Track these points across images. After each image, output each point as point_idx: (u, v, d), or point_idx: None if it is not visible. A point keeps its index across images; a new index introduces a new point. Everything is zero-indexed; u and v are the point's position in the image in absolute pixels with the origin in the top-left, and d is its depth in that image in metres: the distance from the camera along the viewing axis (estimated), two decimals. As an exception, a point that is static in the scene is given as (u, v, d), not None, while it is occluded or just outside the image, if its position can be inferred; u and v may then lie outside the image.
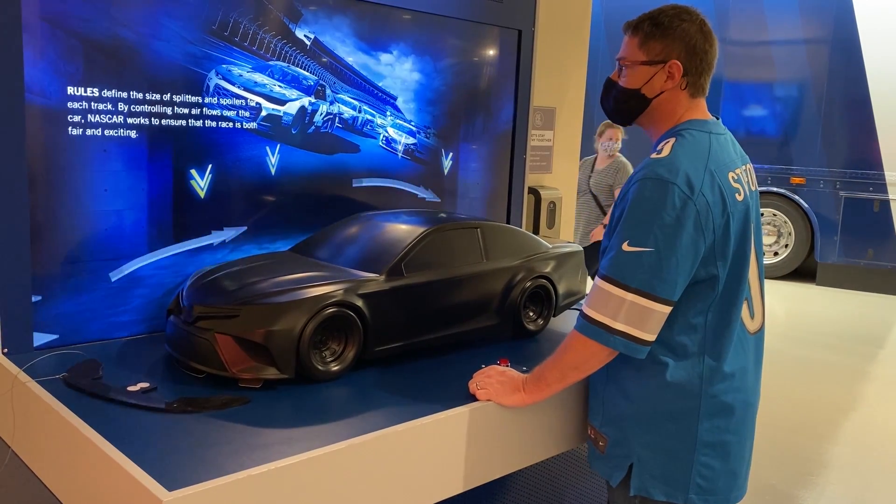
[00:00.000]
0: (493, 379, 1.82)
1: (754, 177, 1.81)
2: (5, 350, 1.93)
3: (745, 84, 8.95)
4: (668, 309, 1.60)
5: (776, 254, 9.08)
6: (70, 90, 1.97)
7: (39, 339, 2.00)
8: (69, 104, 1.97)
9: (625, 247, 1.58)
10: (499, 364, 1.94)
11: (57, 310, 2.03)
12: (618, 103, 1.80)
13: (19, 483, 1.84)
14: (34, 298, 1.98)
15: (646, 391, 1.70)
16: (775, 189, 8.81)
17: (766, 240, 9.07)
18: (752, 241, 1.73)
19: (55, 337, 2.03)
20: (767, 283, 7.96)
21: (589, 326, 1.62)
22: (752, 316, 1.77)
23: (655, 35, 1.71)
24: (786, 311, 7.77)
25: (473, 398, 1.79)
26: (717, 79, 8.89)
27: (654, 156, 1.66)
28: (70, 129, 1.99)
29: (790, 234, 8.91)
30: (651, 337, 1.61)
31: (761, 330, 1.82)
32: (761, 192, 8.92)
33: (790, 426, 4.53)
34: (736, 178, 1.68)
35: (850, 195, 8.50)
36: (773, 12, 8.75)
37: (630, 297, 1.57)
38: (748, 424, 1.77)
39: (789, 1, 8.65)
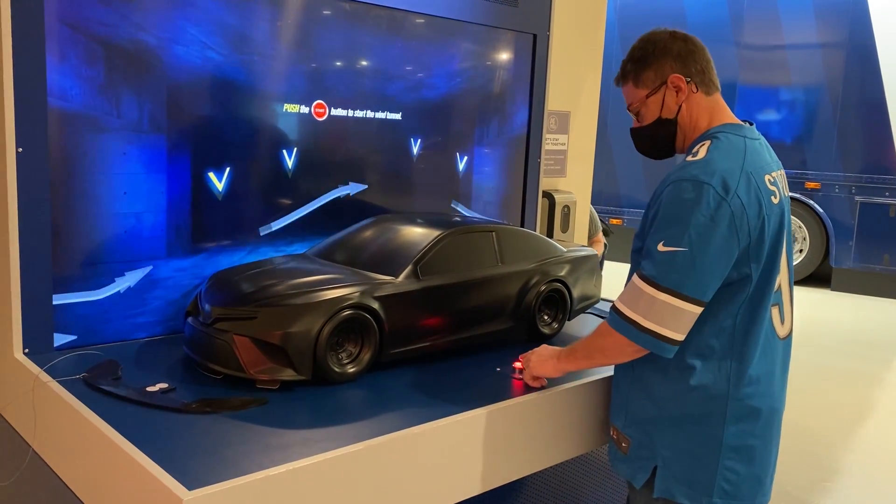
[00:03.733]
0: (533, 355, 1.92)
1: (786, 182, 1.82)
2: (26, 350, 1.95)
3: (759, 88, 8.91)
4: (699, 310, 1.60)
5: (790, 259, 9.03)
6: (91, 94, 1.99)
7: (59, 339, 2.02)
8: (91, 108, 2.00)
9: (660, 247, 1.60)
10: (515, 365, 1.95)
11: (77, 311, 2.05)
12: (650, 140, 1.85)
13: (40, 482, 1.86)
14: (55, 300, 2.00)
15: (672, 393, 1.70)
16: (790, 194, 8.75)
17: (781, 245, 9.02)
18: (785, 245, 1.74)
19: (75, 337, 2.05)
20: (782, 288, 7.69)
21: (619, 321, 1.65)
22: (782, 321, 1.78)
23: (641, 68, 1.79)
24: (800, 317, 7.69)
25: (488, 400, 1.79)
26: (731, 83, 8.87)
27: (689, 158, 1.68)
28: (91, 132, 2.01)
29: (805, 239, 8.86)
30: (680, 337, 1.61)
31: (790, 336, 1.82)
32: (775, 197, 8.88)
33: (804, 432, 4.50)
34: (772, 181, 1.70)
35: (865, 200, 8.44)
36: (788, 16, 8.71)
37: (662, 296, 1.58)
38: (774, 430, 1.76)
39: (804, 4, 8.61)
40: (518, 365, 1.96)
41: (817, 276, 8.94)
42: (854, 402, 5.14)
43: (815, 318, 7.56)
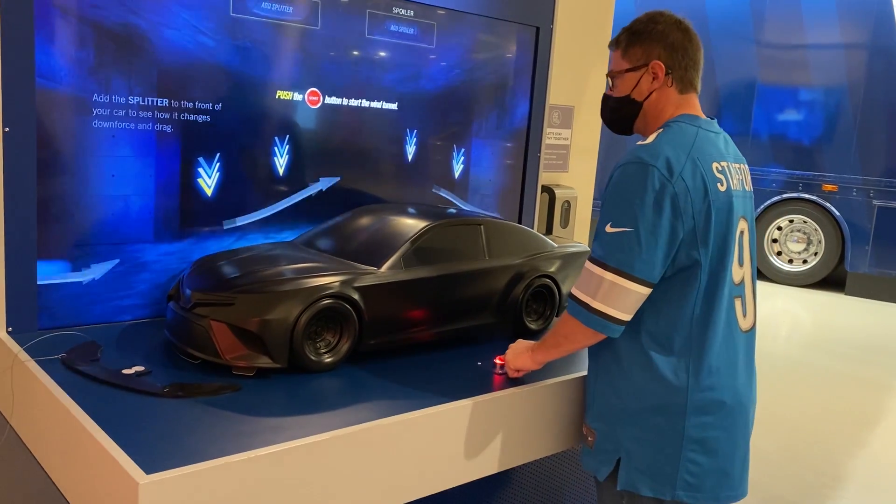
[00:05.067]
0: (510, 350, 1.95)
1: (749, 179, 1.83)
2: (10, 329, 1.97)
3: (778, 88, 8.79)
4: (645, 290, 1.63)
5: (805, 262, 8.91)
6: (81, 76, 2.00)
7: (43, 319, 2.03)
8: (80, 90, 2.00)
9: (607, 228, 1.64)
10: (496, 361, 1.95)
11: (62, 292, 2.06)
12: (613, 113, 1.87)
13: (15, 458, 1.88)
14: (40, 280, 2.01)
15: (633, 385, 1.71)
16: (806, 196, 8.64)
17: (796, 247, 8.91)
18: (747, 239, 1.75)
19: (59, 318, 2.07)
20: (795, 291, 7.80)
21: (574, 305, 1.69)
22: (744, 314, 1.78)
23: (634, 42, 1.79)
24: (813, 321, 7.63)
25: (463, 394, 1.79)
26: (749, 82, 8.76)
27: (638, 143, 1.71)
28: (80, 114, 2.01)
29: (820, 241, 8.74)
30: (626, 317, 1.64)
31: (753, 329, 1.82)
32: (792, 199, 8.75)
33: (808, 437, 4.45)
34: (720, 169, 1.70)
35: (883, 204, 8.30)
36: (811, 15, 8.57)
37: (609, 276, 1.62)
38: (739, 423, 1.75)
39: (827, 4, 8.46)
40: (499, 360, 1.95)
41: (831, 279, 8.82)
42: (861, 408, 5.07)
43: (827, 322, 7.47)
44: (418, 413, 1.68)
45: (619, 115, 1.85)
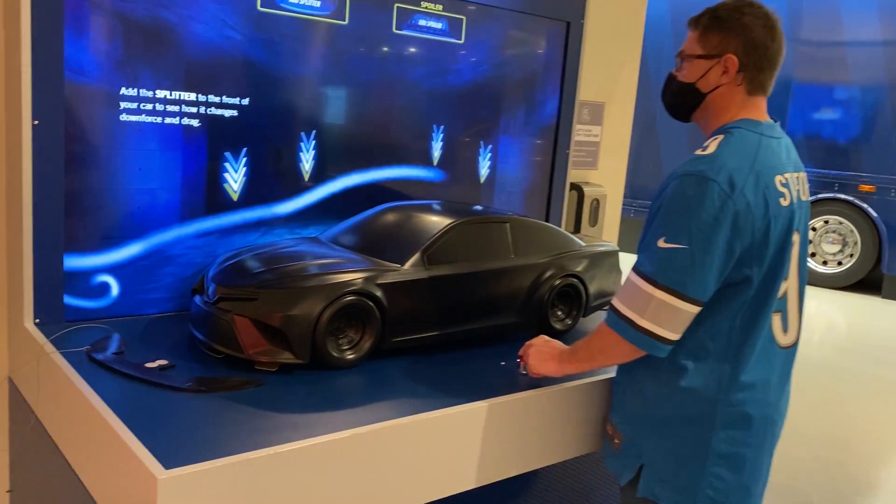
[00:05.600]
0: (533, 348, 1.86)
1: (806, 187, 1.75)
2: (37, 321, 1.98)
3: (815, 86, 8.62)
4: (696, 309, 1.56)
5: (840, 263, 8.74)
6: (110, 70, 2.01)
7: (70, 311, 2.05)
8: (108, 83, 2.01)
9: (660, 243, 1.55)
10: (519, 360, 1.91)
11: (88, 284, 2.08)
12: (674, 97, 1.78)
13: (40, 448, 1.90)
14: (66, 273, 2.02)
15: (662, 393, 1.66)
16: (842, 196, 8.46)
17: (831, 248, 8.73)
18: (796, 252, 1.67)
19: (86, 310, 2.08)
20: (828, 293, 7.66)
21: (616, 320, 1.61)
22: (784, 329, 1.71)
23: (713, 28, 1.68)
24: (847, 324, 7.47)
25: (486, 394, 1.76)
26: (785, 79, 8.59)
27: (698, 152, 1.62)
28: (107, 107, 2.02)
29: (856, 243, 8.56)
30: (675, 336, 1.57)
31: (794, 346, 1.75)
32: (827, 199, 8.58)
33: (840, 443, 4.35)
34: (784, 182, 1.62)
35: (923, 206, 8.12)
36: (850, 12, 8.38)
37: (659, 294, 1.54)
38: (767, 440, 1.70)
39: (867, 1, 8.27)
40: (522, 360, 1.92)
41: (867, 282, 8.64)
42: (894, 414, 4.95)
43: (862, 325, 7.32)
44: (441, 412, 1.65)
45: (680, 101, 1.75)
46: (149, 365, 1.77)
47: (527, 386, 1.85)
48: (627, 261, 1.89)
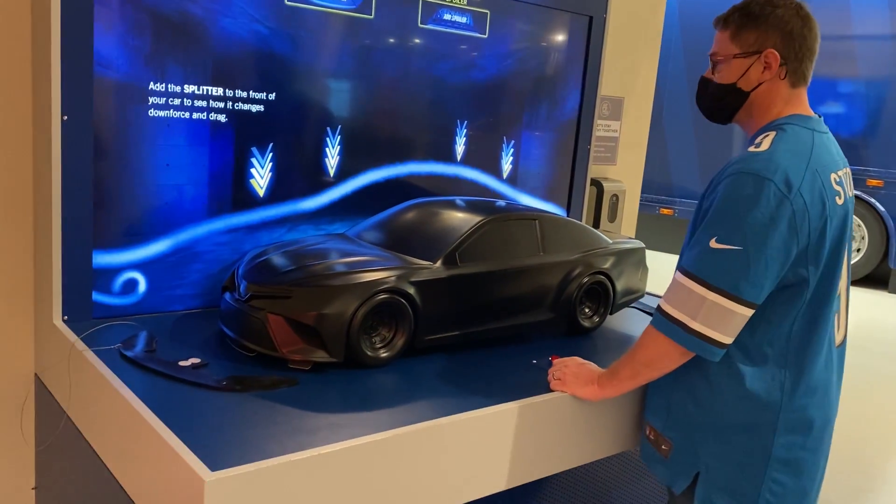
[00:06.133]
0: (569, 369, 1.79)
1: (851, 181, 1.71)
2: (65, 318, 1.97)
3: (822, 79, 8.58)
4: (750, 312, 1.51)
5: (847, 258, 8.73)
6: (138, 65, 1.98)
7: (98, 308, 2.03)
8: (136, 78, 1.99)
9: (712, 243, 1.50)
10: (550, 360, 1.89)
11: (116, 281, 2.06)
12: (715, 101, 1.72)
13: (72, 449, 1.88)
14: (94, 269, 2.01)
15: (719, 399, 1.62)
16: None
17: (837, 243, 8.72)
18: (846, 249, 1.64)
19: (113, 307, 2.06)
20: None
21: (666, 323, 1.56)
22: (837, 328, 1.68)
23: (747, 25, 1.64)
24: (855, 319, 7.45)
25: (521, 394, 1.75)
26: (794, 73, 8.54)
27: (751, 149, 1.57)
28: (135, 102, 2.00)
29: (863, 238, 8.55)
30: (728, 340, 1.53)
31: (844, 342, 1.73)
32: (835, 193, 8.56)
33: (853, 438, 4.35)
34: (838, 180, 1.59)
35: (931, 201, 8.10)
36: (859, 6, 8.35)
37: (712, 296, 1.50)
38: (825, 442, 1.69)
39: (878, -6, 8.24)
40: (552, 375, 1.85)
41: (874, 277, 8.63)
42: (906, 410, 4.96)
43: (870, 320, 7.31)
44: (479, 412, 1.64)
45: (722, 104, 1.70)
46: (182, 363, 1.76)
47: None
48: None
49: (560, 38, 2.93)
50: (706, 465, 1.65)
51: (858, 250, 8.63)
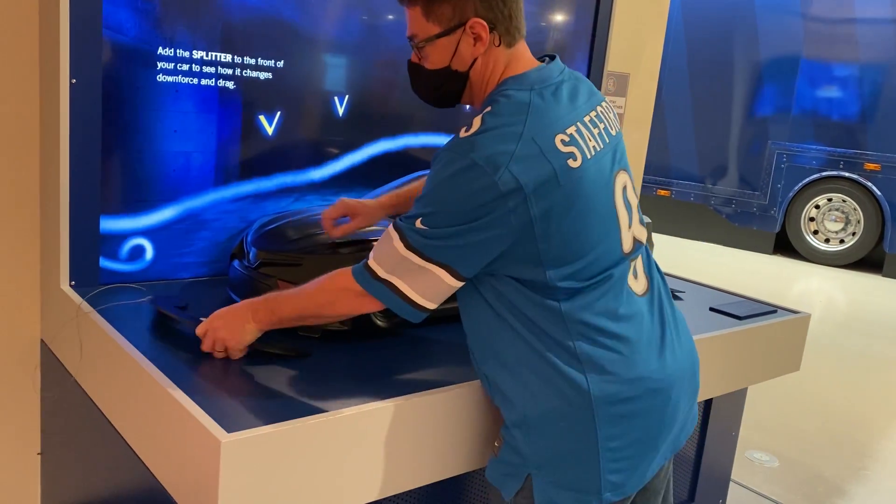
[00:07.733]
0: (215, 322, 1.58)
1: (612, 116, 1.54)
2: (72, 283, 1.96)
3: (823, 63, 8.58)
4: (459, 284, 1.40)
5: (842, 241, 8.77)
6: (147, 29, 1.96)
7: (105, 275, 2.03)
8: (145, 42, 1.97)
9: (418, 224, 1.36)
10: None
11: (123, 246, 2.05)
12: (433, 90, 1.55)
13: (81, 412, 1.88)
14: (101, 234, 2.00)
15: (523, 390, 1.43)
16: (847, 174, 8.47)
17: (834, 226, 8.77)
18: (621, 196, 1.46)
19: (120, 273, 2.06)
20: (830, 271, 7.69)
21: (370, 280, 1.43)
22: (635, 276, 1.49)
23: None
24: (849, 301, 7.52)
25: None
26: (793, 56, 8.55)
27: (462, 132, 1.38)
28: (144, 67, 1.98)
29: (859, 221, 8.59)
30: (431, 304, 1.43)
31: (651, 291, 1.52)
32: (832, 177, 8.58)
33: (846, 418, 4.40)
34: (568, 139, 1.36)
35: (927, 185, 8.14)
36: (862, -12, 8.33)
37: (428, 265, 1.38)
38: (659, 397, 1.45)
39: (880, -23, 8.22)
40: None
41: (869, 261, 8.69)
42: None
43: (864, 303, 7.37)
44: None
45: (441, 91, 1.53)
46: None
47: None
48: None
49: (568, 11, 2.90)
50: (536, 464, 1.45)
51: (854, 234, 8.68)
